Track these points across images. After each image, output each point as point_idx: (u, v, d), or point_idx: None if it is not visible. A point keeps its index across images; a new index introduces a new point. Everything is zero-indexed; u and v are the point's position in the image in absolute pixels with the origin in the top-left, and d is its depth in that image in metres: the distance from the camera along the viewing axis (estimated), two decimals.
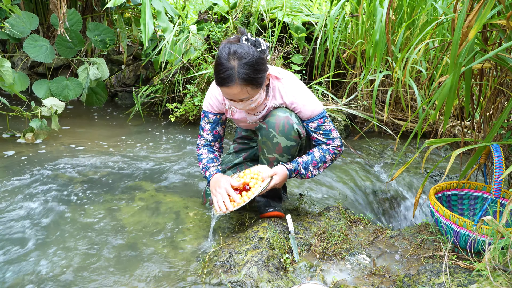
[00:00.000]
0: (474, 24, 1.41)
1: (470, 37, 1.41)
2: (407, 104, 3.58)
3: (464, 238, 1.62)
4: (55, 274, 1.60)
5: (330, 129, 1.88)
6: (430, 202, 1.77)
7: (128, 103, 4.31)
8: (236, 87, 1.65)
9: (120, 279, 1.59)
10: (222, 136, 2.09)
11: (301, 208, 2.20)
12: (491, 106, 2.01)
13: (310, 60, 3.97)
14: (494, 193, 1.57)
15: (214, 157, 2.02)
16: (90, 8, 4.25)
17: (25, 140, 3.01)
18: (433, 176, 2.86)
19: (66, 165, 2.59)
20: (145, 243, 1.82)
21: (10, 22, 3.36)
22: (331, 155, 1.90)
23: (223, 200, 1.77)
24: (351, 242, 1.85)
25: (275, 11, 3.88)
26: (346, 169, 2.81)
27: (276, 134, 1.81)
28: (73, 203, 2.12)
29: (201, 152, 2.04)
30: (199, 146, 2.06)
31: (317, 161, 1.89)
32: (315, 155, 1.90)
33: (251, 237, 1.78)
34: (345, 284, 1.58)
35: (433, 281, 1.44)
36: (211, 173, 1.94)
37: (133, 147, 3.01)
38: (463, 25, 1.47)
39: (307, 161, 1.89)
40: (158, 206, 2.13)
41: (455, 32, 1.51)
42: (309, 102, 1.84)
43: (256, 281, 1.53)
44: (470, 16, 1.44)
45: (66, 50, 3.62)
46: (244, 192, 1.81)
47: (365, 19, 3.47)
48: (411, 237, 1.87)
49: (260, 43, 1.69)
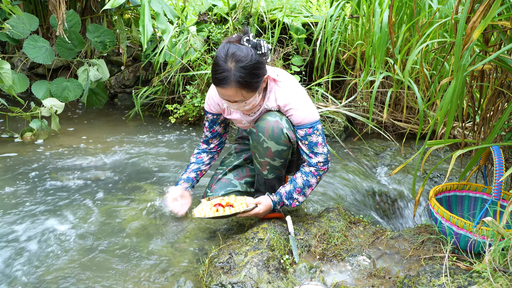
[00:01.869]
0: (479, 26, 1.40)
1: (475, 37, 1.40)
2: (407, 106, 3.58)
3: (464, 239, 1.62)
4: (53, 275, 1.59)
5: (317, 142, 1.81)
6: (430, 203, 1.77)
7: (128, 104, 4.31)
8: (231, 89, 1.63)
9: (120, 280, 1.59)
10: (222, 133, 2.12)
11: (301, 209, 2.20)
12: (491, 108, 2.01)
13: (310, 61, 3.97)
14: (494, 194, 1.57)
15: (196, 168, 2.10)
16: (89, 10, 4.25)
17: (23, 140, 3.00)
18: (432, 177, 2.85)
19: (66, 166, 2.59)
20: (145, 244, 1.82)
21: (10, 23, 3.35)
22: (315, 177, 1.85)
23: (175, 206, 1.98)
24: (351, 243, 1.85)
25: (274, 12, 3.88)
26: (345, 170, 2.81)
27: (266, 139, 1.79)
28: (72, 203, 2.11)
29: (193, 160, 2.13)
30: (198, 150, 2.14)
31: (301, 188, 1.86)
32: (298, 182, 1.86)
33: (251, 238, 1.77)
34: (345, 285, 1.58)
35: (433, 283, 1.44)
36: (177, 181, 2.07)
37: (133, 148, 3.01)
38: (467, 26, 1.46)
39: (290, 191, 1.87)
40: (158, 207, 2.12)
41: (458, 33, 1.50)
42: (302, 108, 1.79)
43: (256, 282, 1.53)
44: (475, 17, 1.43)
45: (66, 51, 3.61)
46: (226, 207, 1.83)
47: (365, 21, 3.47)
48: (411, 238, 1.87)
49: (261, 45, 1.65)
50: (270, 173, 1.90)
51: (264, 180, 1.94)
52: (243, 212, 1.81)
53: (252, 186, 2.12)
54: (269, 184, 1.94)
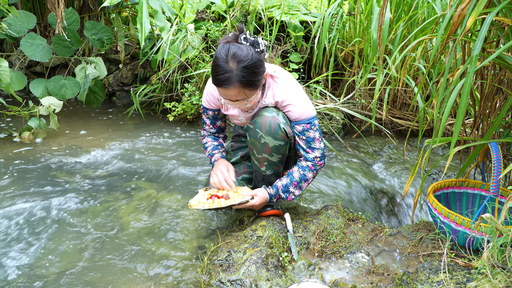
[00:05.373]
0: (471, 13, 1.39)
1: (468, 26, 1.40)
2: (405, 103, 3.59)
3: (463, 236, 1.62)
4: (52, 274, 1.59)
5: (314, 137, 1.84)
6: (428, 200, 1.78)
7: (126, 102, 4.30)
8: (234, 90, 1.64)
9: (119, 278, 1.59)
10: (224, 128, 2.17)
11: (300, 206, 2.20)
12: (489, 104, 2.01)
13: (308, 59, 3.97)
14: (493, 191, 1.58)
15: (218, 144, 2.12)
16: (87, 7, 4.23)
17: (22, 139, 3.00)
18: (431, 174, 2.86)
19: (64, 164, 2.59)
20: (143, 242, 1.82)
21: (7, 21, 3.34)
22: (311, 172, 1.88)
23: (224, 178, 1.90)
24: (349, 240, 1.85)
25: (272, 10, 3.87)
26: (344, 167, 2.81)
27: (263, 134, 1.79)
28: (71, 202, 2.11)
29: (205, 140, 2.14)
30: (204, 136, 2.15)
31: (298, 181, 1.88)
32: (295, 176, 1.88)
33: (250, 236, 1.78)
34: (344, 282, 1.58)
35: (432, 279, 1.44)
36: (215, 158, 2.04)
37: (131, 147, 3.01)
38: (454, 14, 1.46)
39: (287, 184, 1.88)
40: (157, 205, 2.12)
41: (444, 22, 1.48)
42: (300, 104, 1.81)
43: (255, 280, 1.53)
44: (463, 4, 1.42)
45: (63, 49, 3.60)
46: (222, 199, 1.84)
47: (363, 18, 3.47)
48: (410, 235, 1.87)
49: (259, 43, 1.65)
50: (268, 169, 1.90)
51: (262, 177, 1.95)
52: (239, 204, 1.81)
53: (249, 182, 2.12)
54: (267, 181, 1.95)
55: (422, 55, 3.13)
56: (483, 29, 1.41)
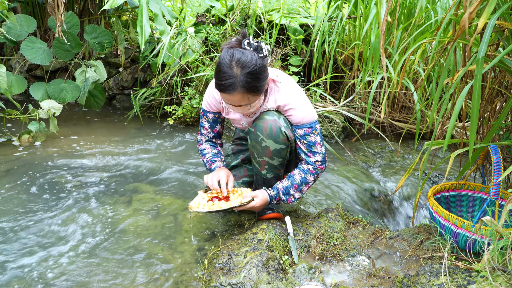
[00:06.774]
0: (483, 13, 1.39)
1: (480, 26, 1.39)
2: (406, 106, 3.59)
3: (463, 238, 1.62)
4: (52, 277, 1.59)
5: (315, 142, 1.84)
6: (428, 203, 1.78)
7: (126, 105, 4.30)
8: (238, 95, 1.63)
9: (119, 282, 1.59)
10: (221, 133, 2.14)
11: (300, 209, 2.20)
12: (489, 107, 2.02)
13: (308, 62, 3.97)
14: (493, 194, 1.58)
15: (218, 151, 2.08)
16: (87, 11, 4.25)
17: (21, 142, 3.00)
18: (431, 177, 2.86)
19: (64, 168, 2.59)
20: (143, 245, 1.82)
21: (7, 25, 3.35)
22: (312, 175, 1.88)
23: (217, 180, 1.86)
24: (350, 243, 1.85)
25: (272, 13, 3.88)
26: (344, 170, 2.81)
27: (264, 138, 1.79)
28: (71, 205, 2.11)
29: (203, 147, 2.09)
30: (201, 142, 2.11)
31: (298, 184, 1.88)
32: (296, 178, 1.88)
33: (250, 239, 1.77)
34: (345, 285, 1.58)
35: (433, 282, 1.44)
36: (217, 165, 2.00)
37: (131, 150, 3.01)
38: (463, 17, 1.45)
39: (287, 186, 1.88)
40: (157, 208, 2.12)
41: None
42: (301, 108, 1.81)
43: (255, 283, 1.53)
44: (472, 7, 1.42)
45: (63, 53, 3.61)
46: (222, 201, 1.83)
47: (362, 21, 3.48)
48: (410, 238, 1.87)
49: (262, 48, 1.65)
50: (269, 172, 1.90)
51: (263, 180, 1.95)
52: (239, 206, 1.81)
53: (250, 186, 2.12)
54: (268, 184, 1.95)
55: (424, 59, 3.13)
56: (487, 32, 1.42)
